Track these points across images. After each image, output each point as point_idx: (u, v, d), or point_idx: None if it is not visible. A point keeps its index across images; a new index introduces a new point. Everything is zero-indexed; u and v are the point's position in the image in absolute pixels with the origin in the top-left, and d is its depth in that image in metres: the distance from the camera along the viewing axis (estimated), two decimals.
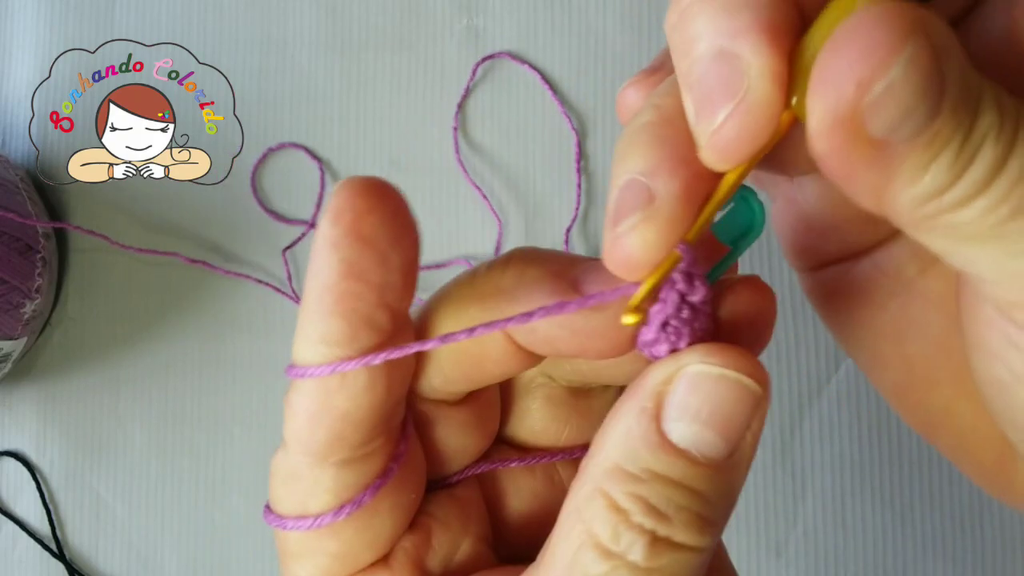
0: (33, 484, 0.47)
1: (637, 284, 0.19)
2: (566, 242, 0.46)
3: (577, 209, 0.46)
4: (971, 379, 0.21)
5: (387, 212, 0.18)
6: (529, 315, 0.19)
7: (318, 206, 0.47)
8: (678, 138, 0.18)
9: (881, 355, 0.24)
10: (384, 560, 0.21)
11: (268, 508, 0.21)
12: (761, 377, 0.18)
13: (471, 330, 0.19)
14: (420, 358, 0.21)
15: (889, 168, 0.16)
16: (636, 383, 0.19)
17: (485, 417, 0.23)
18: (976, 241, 0.17)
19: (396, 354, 0.19)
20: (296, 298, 0.47)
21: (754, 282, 0.20)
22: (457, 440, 0.22)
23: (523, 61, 0.47)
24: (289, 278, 0.47)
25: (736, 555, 0.45)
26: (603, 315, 0.19)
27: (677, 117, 0.18)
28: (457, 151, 0.46)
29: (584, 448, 0.22)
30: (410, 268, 0.19)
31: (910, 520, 0.45)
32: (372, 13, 0.48)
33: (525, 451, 0.24)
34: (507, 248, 0.47)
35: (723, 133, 0.17)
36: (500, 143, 0.47)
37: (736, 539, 0.45)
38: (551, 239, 0.46)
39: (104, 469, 0.47)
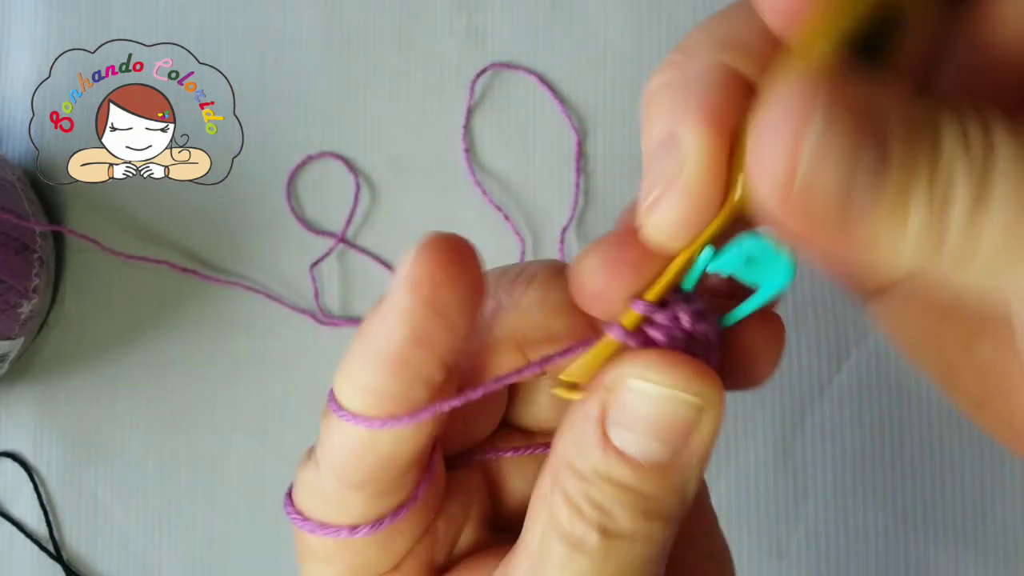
0: (30, 485, 0.46)
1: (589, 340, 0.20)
2: (561, 242, 0.46)
3: (574, 209, 0.46)
4: None
5: (463, 282, 0.19)
6: (518, 372, 0.20)
7: (348, 221, 0.47)
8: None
9: (953, 368, 0.23)
10: (395, 568, 0.22)
11: (291, 500, 0.22)
12: (701, 388, 0.19)
13: (502, 378, 0.20)
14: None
15: (866, 236, 0.15)
16: (593, 384, 0.20)
17: (493, 405, 0.24)
18: (1001, 288, 0.16)
19: (445, 406, 0.19)
20: (315, 316, 0.47)
21: (769, 321, 0.20)
22: (466, 424, 0.23)
23: (519, 67, 0.47)
24: (316, 295, 0.47)
25: (737, 556, 0.45)
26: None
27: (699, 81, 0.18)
28: (472, 172, 0.46)
29: None
30: (472, 327, 0.19)
31: (912, 521, 0.45)
32: (372, 12, 0.48)
33: (528, 435, 0.25)
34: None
35: (658, 215, 0.18)
36: (500, 144, 0.47)
37: (737, 540, 0.45)
38: (549, 238, 0.46)
39: (102, 470, 0.47)
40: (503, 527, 0.24)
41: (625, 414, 0.19)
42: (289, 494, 0.22)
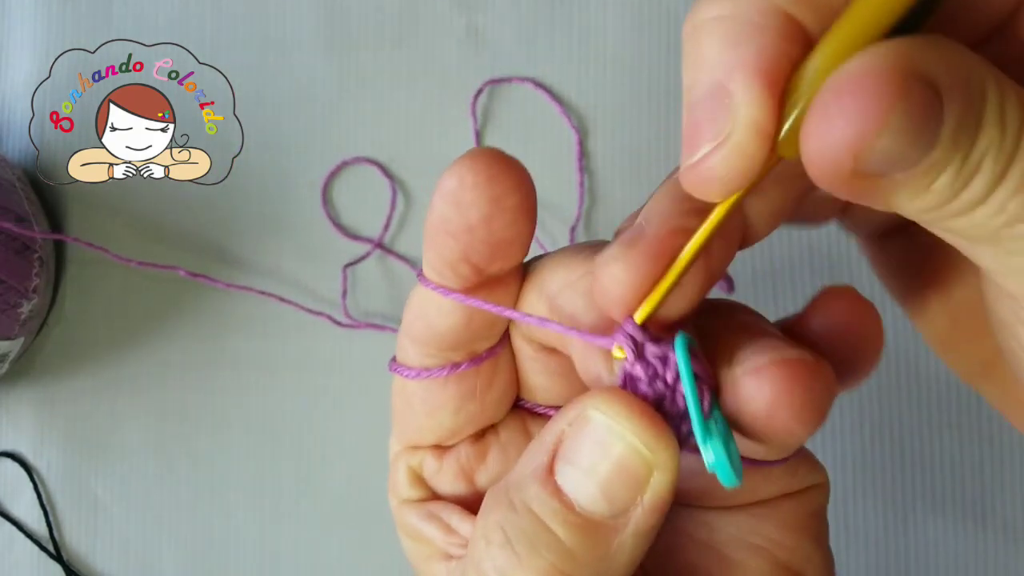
0: (30, 485, 0.46)
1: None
2: (571, 241, 0.46)
3: (580, 207, 0.46)
4: None
5: (488, 193, 0.20)
6: (542, 320, 0.21)
7: (386, 226, 0.47)
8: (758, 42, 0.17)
9: (928, 307, 0.24)
10: (442, 450, 0.24)
11: (393, 361, 0.24)
12: (654, 443, 0.18)
13: (502, 309, 0.21)
14: (520, 299, 0.23)
15: (891, 192, 0.16)
16: (552, 420, 0.20)
17: (571, 372, 0.23)
18: (978, 241, 0.17)
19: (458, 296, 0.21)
20: (333, 318, 0.47)
21: (846, 294, 0.20)
22: (539, 380, 0.24)
23: (512, 79, 0.47)
24: (344, 295, 0.47)
25: None
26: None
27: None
28: None
29: None
30: (500, 241, 0.20)
31: (912, 522, 0.45)
32: (371, 12, 0.48)
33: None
34: None
35: (702, 170, 0.17)
36: (503, 144, 0.47)
37: None
38: (561, 238, 0.46)
39: (102, 470, 0.47)
40: None
41: (573, 449, 0.18)
42: (393, 359, 0.24)
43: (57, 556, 0.46)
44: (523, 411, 0.25)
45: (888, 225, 0.24)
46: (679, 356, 0.18)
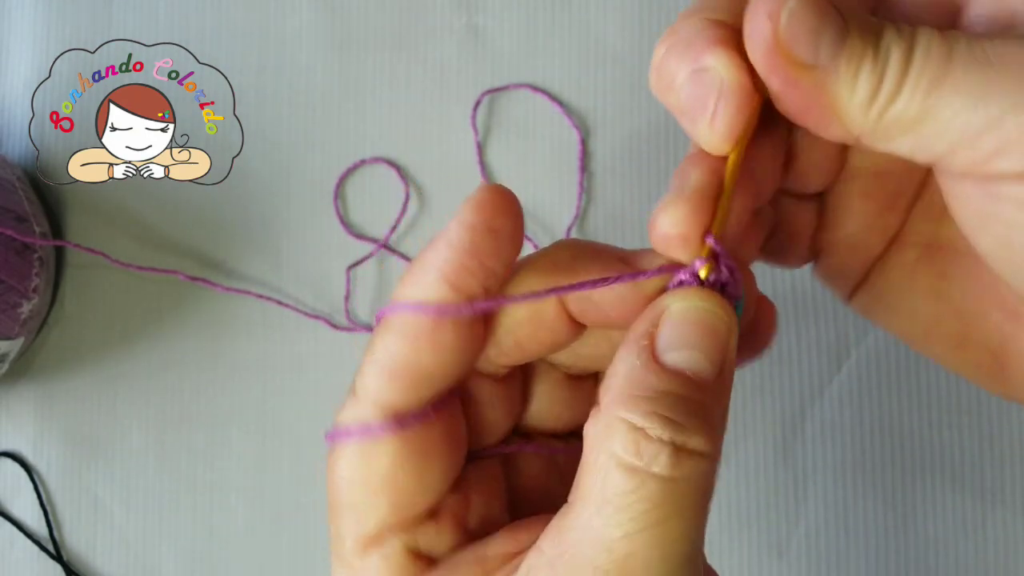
0: (30, 485, 0.46)
1: (678, 266, 0.23)
2: None
3: (578, 208, 0.46)
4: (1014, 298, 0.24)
5: (512, 219, 0.23)
6: (601, 281, 0.22)
7: (393, 229, 0.47)
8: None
9: (933, 322, 0.27)
10: (432, 516, 0.23)
11: (331, 433, 0.24)
12: (729, 309, 0.22)
13: (551, 291, 0.22)
14: (488, 328, 0.24)
15: (830, 87, 0.21)
16: (630, 332, 0.22)
17: (515, 398, 0.26)
18: (920, 123, 0.21)
19: (485, 306, 0.23)
20: (330, 320, 0.47)
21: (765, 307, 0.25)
22: (493, 414, 0.25)
23: (510, 86, 0.47)
24: (347, 297, 0.47)
25: (738, 555, 0.45)
26: (646, 288, 0.23)
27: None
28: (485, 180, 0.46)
29: None
30: (510, 268, 0.23)
31: (912, 521, 0.45)
32: (371, 12, 0.48)
33: (529, 435, 0.27)
34: None
35: (716, 121, 0.22)
36: (503, 145, 0.47)
37: (737, 539, 0.45)
38: (557, 235, 0.46)
39: (102, 470, 0.47)
40: (514, 514, 0.26)
41: (672, 336, 0.21)
42: (329, 434, 0.24)
43: (57, 556, 0.46)
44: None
45: (857, 275, 0.28)
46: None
